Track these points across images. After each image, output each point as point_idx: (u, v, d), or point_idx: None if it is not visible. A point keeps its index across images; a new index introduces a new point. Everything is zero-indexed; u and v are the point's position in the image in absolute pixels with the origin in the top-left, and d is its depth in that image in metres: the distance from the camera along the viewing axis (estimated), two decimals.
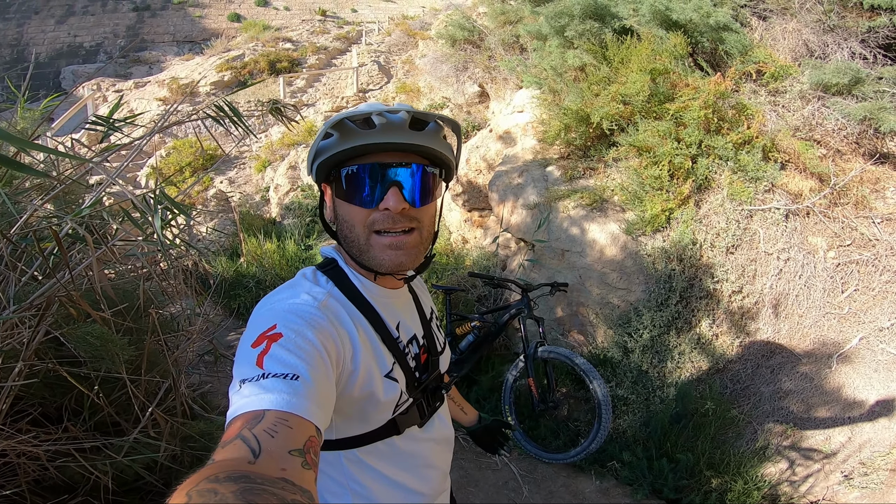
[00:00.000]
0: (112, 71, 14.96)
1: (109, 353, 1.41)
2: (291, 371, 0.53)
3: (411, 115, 0.67)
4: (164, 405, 1.71)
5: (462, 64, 5.31)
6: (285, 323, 0.59)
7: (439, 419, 0.82)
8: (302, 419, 0.49)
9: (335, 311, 0.67)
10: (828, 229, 2.67)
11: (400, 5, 18.12)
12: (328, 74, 10.07)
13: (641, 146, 2.96)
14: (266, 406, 0.49)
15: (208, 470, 0.40)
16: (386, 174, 0.66)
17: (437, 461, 0.82)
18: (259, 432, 0.45)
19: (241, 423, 0.47)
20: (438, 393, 0.83)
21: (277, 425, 0.47)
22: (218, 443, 0.47)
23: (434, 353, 0.82)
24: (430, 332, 0.84)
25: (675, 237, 2.72)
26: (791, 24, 3.74)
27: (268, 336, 0.57)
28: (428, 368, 0.80)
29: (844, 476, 2.05)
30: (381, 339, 0.71)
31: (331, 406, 0.58)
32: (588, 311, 2.91)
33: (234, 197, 6.18)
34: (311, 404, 0.51)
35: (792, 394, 2.32)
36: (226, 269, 4.54)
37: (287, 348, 0.56)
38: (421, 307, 0.85)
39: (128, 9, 17.43)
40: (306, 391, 0.52)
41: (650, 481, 2.25)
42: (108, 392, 1.54)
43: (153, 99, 9.63)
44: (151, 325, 1.69)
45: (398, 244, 0.68)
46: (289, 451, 0.45)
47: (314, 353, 0.57)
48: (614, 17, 3.71)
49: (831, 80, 3.03)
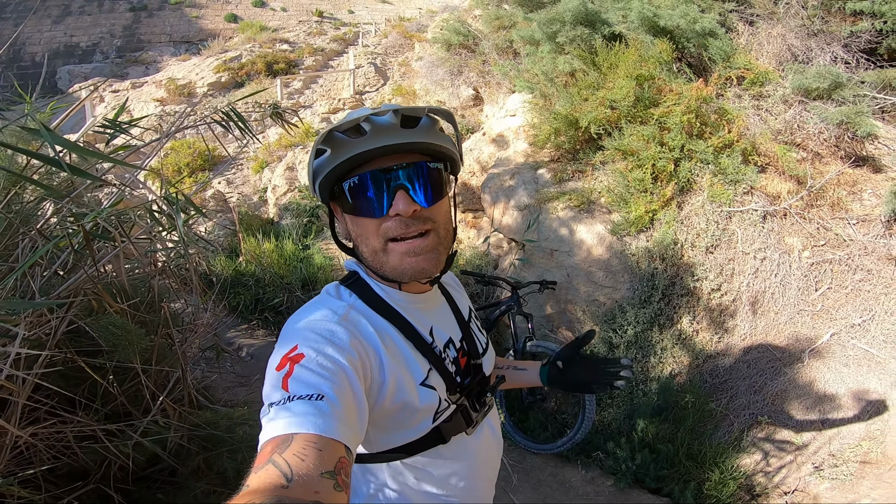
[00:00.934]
0: (108, 71, 14.97)
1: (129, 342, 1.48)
2: (315, 391, 0.53)
3: (400, 114, 0.64)
4: (172, 395, 1.80)
5: (457, 68, 5.42)
6: (306, 342, 0.59)
7: (488, 424, 0.79)
8: (330, 440, 0.49)
9: (357, 323, 0.65)
10: (804, 230, 2.79)
11: (396, 7, 18.21)
12: (325, 76, 10.16)
13: (627, 150, 3.08)
14: (293, 430, 0.49)
15: (245, 496, 0.41)
16: (388, 179, 0.64)
17: (485, 469, 0.79)
18: (289, 457, 0.46)
19: (272, 448, 0.48)
20: (484, 397, 0.79)
21: (307, 448, 0.47)
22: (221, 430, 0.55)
23: (475, 355, 0.78)
24: (468, 334, 0.80)
25: (657, 237, 2.83)
26: (776, 28, 3.86)
27: (290, 358, 0.57)
28: (470, 372, 0.77)
29: (815, 467, 2.16)
30: (413, 347, 0.69)
31: (361, 422, 0.57)
32: (576, 308, 3.03)
33: (233, 198, 6.27)
34: (339, 423, 0.51)
35: (767, 387, 2.44)
36: (225, 268, 4.63)
37: (309, 368, 0.56)
38: (457, 308, 0.81)
39: (124, 9, 17.43)
40: (332, 410, 0.52)
41: (633, 471, 2.36)
42: (121, 382, 1.60)
43: (150, 100, 9.68)
44: (163, 319, 1.77)
45: (416, 249, 0.65)
46: (320, 473, 0.46)
47: (337, 371, 0.57)
48: (604, 24, 3.82)
49: (812, 84, 3.14)
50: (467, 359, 0.77)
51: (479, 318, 0.88)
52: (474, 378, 0.77)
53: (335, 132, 0.64)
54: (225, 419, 1.98)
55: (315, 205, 5.76)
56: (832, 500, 2.02)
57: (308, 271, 4.37)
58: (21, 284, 1.39)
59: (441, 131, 0.70)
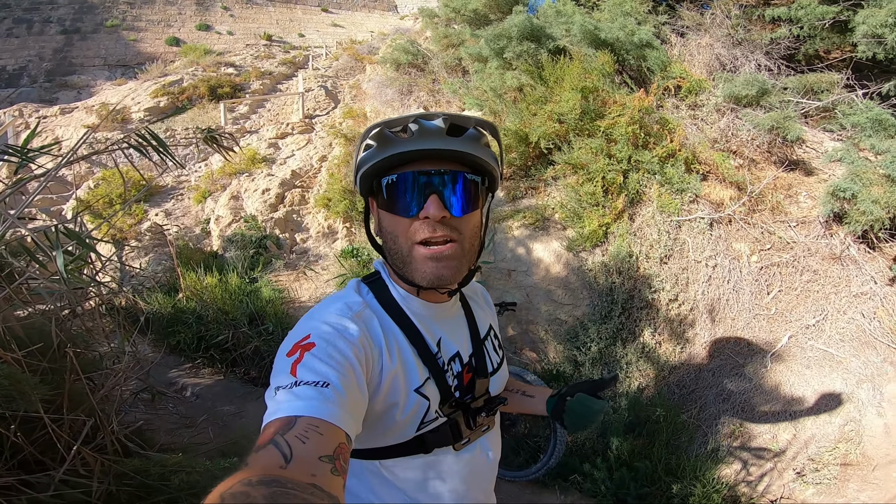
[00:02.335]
0: (36, 96, 13.94)
1: (22, 392, 1.39)
2: (322, 379, 0.55)
3: (449, 122, 0.66)
4: (92, 443, 1.69)
5: (407, 87, 5.36)
6: (318, 333, 0.61)
7: (482, 445, 0.78)
8: (332, 425, 0.51)
9: (369, 321, 0.67)
10: (749, 235, 2.85)
11: (348, 30, 18.26)
12: (273, 100, 9.85)
13: (577, 163, 3.06)
14: (298, 412, 0.51)
15: (242, 474, 0.41)
16: (425, 182, 0.65)
17: (471, 489, 0.76)
18: (291, 438, 0.47)
19: (274, 429, 0.49)
20: (482, 415, 0.76)
21: (308, 431, 0.49)
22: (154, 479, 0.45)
23: (483, 373, 0.77)
24: (479, 351, 0.78)
25: (613, 251, 2.80)
26: (705, 39, 4.06)
27: (301, 346, 0.59)
28: (473, 389, 0.75)
29: (797, 473, 2.13)
30: (416, 353, 0.69)
31: (361, 413, 0.59)
32: (538, 328, 2.92)
33: (171, 230, 5.81)
34: (342, 411, 0.53)
35: (734, 395, 2.41)
36: (163, 306, 4.23)
37: (319, 357, 0.58)
38: (475, 323, 0.80)
39: (55, 31, 16.42)
40: (336, 398, 0.54)
41: (613, 491, 2.24)
42: (29, 432, 1.52)
43: (81, 126, 8.99)
44: (70, 365, 1.65)
45: (439, 255, 0.66)
46: (319, 457, 0.47)
47: (344, 363, 0.59)
48: (549, 38, 3.87)
49: (741, 92, 3.27)
50: (472, 375, 0.76)
51: (498, 338, 0.88)
52: (476, 395, 0.76)
53: (384, 129, 0.66)
54: (157, 466, 1.84)
55: (262, 235, 5.43)
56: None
57: (256, 305, 4.05)
58: None
59: (486, 146, 0.71)
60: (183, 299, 4.40)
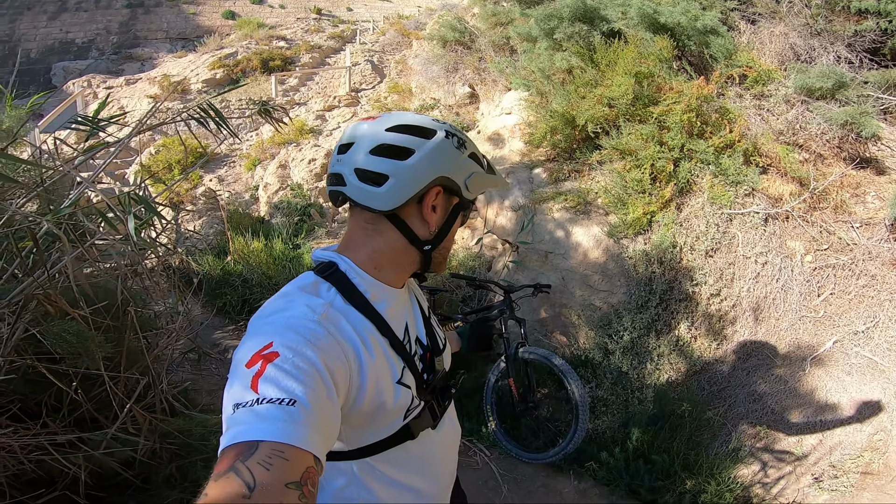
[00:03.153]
0: (104, 68, 14.83)
1: (87, 350, 1.41)
2: (288, 395, 0.50)
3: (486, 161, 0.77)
4: (143, 402, 1.72)
5: (453, 65, 5.33)
6: (282, 340, 0.55)
7: (448, 418, 0.81)
8: (298, 450, 0.47)
9: (337, 322, 0.63)
10: (806, 233, 2.70)
11: (395, 5, 18.11)
12: (321, 73, 10.04)
13: (625, 149, 2.98)
14: (260, 437, 0.46)
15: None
16: None
17: (447, 460, 0.82)
18: (253, 465, 0.44)
19: (235, 455, 0.45)
20: (447, 392, 0.80)
21: (272, 457, 0.45)
22: (195, 438, 0.49)
23: (437, 351, 0.80)
24: (430, 330, 0.80)
25: (656, 240, 2.74)
26: (779, 27, 3.77)
27: (263, 356, 0.53)
28: (433, 368, 0.78)
29: (815, 479, 2.08)
30: (389, 344, 0.68)
31: (334, 427, 0.56)
32: (571, 312, 2.93)
33: (224, 195, 6.15)
34: (310, 431, 0.49)
35: (766, 396, 2.34)
36: (212, 268, 4.52)
37: (283, 370, 0.52)
38: (420, 304, 0.83)
39: (121, 5, 17.28)
40: (304, 417, 0.49)
41: (627, 482, 2.26)
42: (88, 389, 1.53)
43: (144, 96, 9.56)
44: (130, 323, 1.69)
45: None
46: (285, 483, 0.44)
47: (313, 374, 0.53)
48: (603, 20, 3.73)
49: (815, 84, 3.05)
50: (430, 355, 0.78)
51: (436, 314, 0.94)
52: (437, 374, 0.78)
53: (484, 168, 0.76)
54: (199, 427, 1.91)
55: (307, 203, 5.65)
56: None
57: (297, 272, 4.25)
58: None
59: None
60: (231, 262, 4.69)
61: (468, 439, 2.60)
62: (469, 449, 2.56)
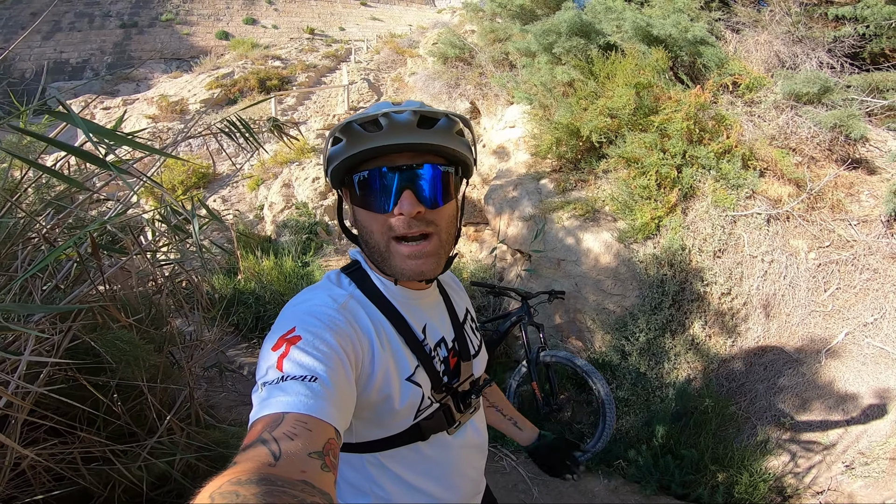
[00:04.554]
0: (99, 88, 14.89)
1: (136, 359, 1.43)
2: (310, 373, 0.53)
3: (419, 114, 0.64)
4: (179, 414, 1.73)
5: (454, 81, 5.47)
6: (304, 325, 0.59)
7: (472, 426, 0.79)
8: (320, 421, 0.50)
9: (354, 312, 0.66)
10: (807, 232, 2.82)
11: (387, 24, 18.47)
12: (318, 92, 10.20)
13: (629, 157, 3.11)
14: (285, 409, 0.49)
15: (231, 473, 0.41)
16: (397, 177, 0.64)
17: (467, 469, 0.79)
18: (279, 435, 0.46)
19: (262, 427, 0.48)
20: (468, 399, 0.78)
21: (297, 428, 0.48)
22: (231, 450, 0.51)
23: (466, 356, 0.79)
24: (461, 335, 0.80)
25: (665, 243, 2.85)
26: (763, 35, 3.96)
27: (287, 339, 0.57)
28: (459, 373, 0.77)
29: (846, 466, 2.15)
30: (403, 342, 0.69)
31: (351, 407, 0.58)
32: (585, 317, 3.01)
33: (228, 215, 6.21)
34: (330, 406, 0.52)
35: (786, 389, 2.43)
36: (223, 287, 4.55)
37: (305, 351, 0.56)
38: (453, 308, 0.82)
39: (115, 25, 17.39)
40: (325, 393, 0.52)
41: (657, 478, 2.31)
42: (124, 401, 1.55)
43: (142, 116, 9.61)
44: (169, 335, 1.72)
45: (417, 253, 0.66)
46: (308, 453, 0.46)
47: (332, 356, 0.57)
48: (599, 34, 3.89)
49: (802, 89, 3.21)
50: (457, 359, 0.77)
51: (475, 321, 0.89)
52: (462, 379, 0.77)
53: (353, 123, 0.65)
54: (234, 438, 1.91)
55: (313, 221, 5.72)
56: (868, 498, 2.00)
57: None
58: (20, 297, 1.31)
59: (458, 134, 0.70)
60: (241, 280, 4.72)
61: (492, 445, 2.65)
62: (494, 455, 2.60)
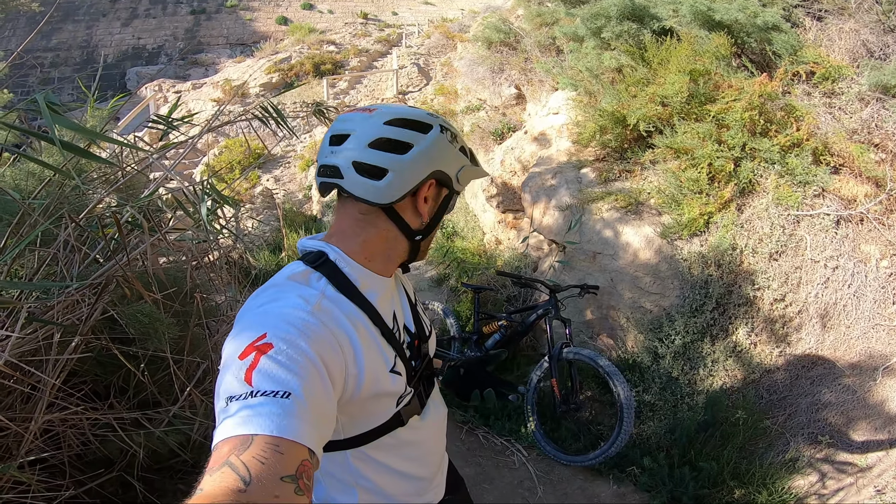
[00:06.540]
0: (172, 72, 16.02)
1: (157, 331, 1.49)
2: (282, 388, 0.49)
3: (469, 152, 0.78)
4: (201, 386, 1.79)
5: (498, 66, 5.35)
6: (276, 332, 0.54)
7: (433, 403, 0.82)
8: (293, 443, 0.47)
9: (330, 313, 0.62)
10: (882, 237, 2.52)
11: (439, 8, 18.31)
12: (369, 76, 10.37)
13: (680, 148, 2.90)
14: (255, 430, 0.46)
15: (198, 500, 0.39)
16: None
17: (435, 444, 0.84)
18: (248, 459, 0.43)
19: (229, 450, 0.44)
20: (432, 379, 0.82)
21: (267, 451, 0.44)
22: None
23: (423, 338, 0.81)
24: (417, 317, 0.81)
25: (713, 242, 2.65)
26: (848, 24, 3.53)
27: (256, 347, 0.52)
28: (420, 354, 0.79)
29: (877, 490, 1.95)
30: (380, 333, 0.69)
31: (329, 422, 0.55)
32: (619, 314, 2.89)
33: (279, 194, 6.53)
34: (303, 425, 0.48)
35: (831, 406, 2.21)
36: (268, 263, 4.82)
37: (277, 361, 0.51)
38: (405, 290, 0.83)
39: (186, 12, 18.49)
40: (298, 410, 0.49)
41: (669, 489, 2.19)
42: (153, 372, 1.59)
43: (208, 100, 10.27)
44: (196, 309, 1.76)
45: None
46: (280, 477, 0.43)
47: (308, 366, 0.53)
48: (653, 18, 3.63)
49: (891, 81, 2.86)
50: (418, 342, 0.78)
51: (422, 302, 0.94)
52: (423, 361, 0.78)
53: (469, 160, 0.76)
54: None
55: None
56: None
57: None
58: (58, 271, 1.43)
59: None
60: (285, 258, 4.98)
61: (506, 439, 2.62)
62: (507, 448, 2.57)
